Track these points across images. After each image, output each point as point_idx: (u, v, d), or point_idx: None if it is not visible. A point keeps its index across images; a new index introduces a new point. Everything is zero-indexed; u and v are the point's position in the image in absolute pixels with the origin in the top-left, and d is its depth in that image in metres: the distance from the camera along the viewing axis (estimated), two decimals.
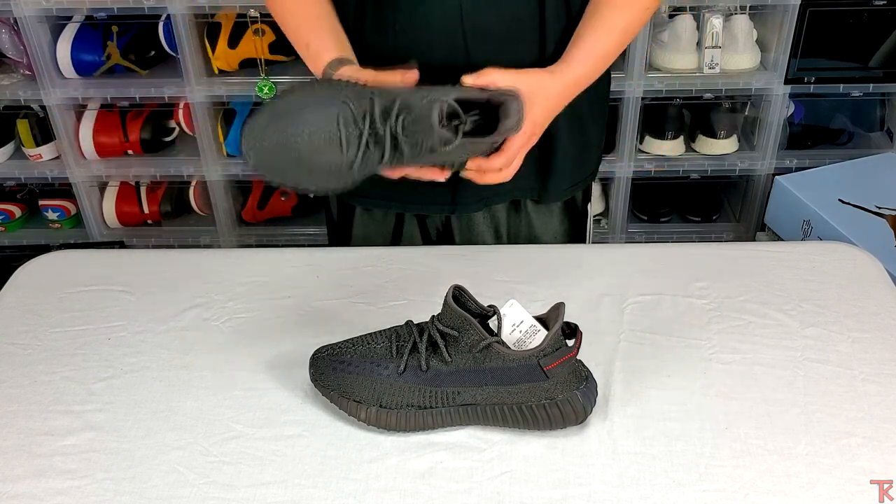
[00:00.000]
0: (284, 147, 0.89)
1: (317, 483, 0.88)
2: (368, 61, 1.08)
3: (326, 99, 0.90)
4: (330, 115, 0.89)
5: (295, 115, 0.89)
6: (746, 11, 2.05)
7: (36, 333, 1.09)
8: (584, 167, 1.25)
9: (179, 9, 1.97)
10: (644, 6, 1.10)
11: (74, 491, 0.88)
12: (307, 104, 0.90)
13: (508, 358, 0.88)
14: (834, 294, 1.13)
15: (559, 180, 1.22)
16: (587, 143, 1.23)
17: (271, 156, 0.90)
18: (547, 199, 1.24)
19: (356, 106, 0.89)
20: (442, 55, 1.08)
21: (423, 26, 1.07)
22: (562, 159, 1.19)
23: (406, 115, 0.89)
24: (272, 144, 0.89)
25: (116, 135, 2.20)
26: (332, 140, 0.89)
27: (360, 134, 0.89)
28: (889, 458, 0.89)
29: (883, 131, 2.29)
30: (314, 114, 0.89)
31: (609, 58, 1.12)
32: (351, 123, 0.89)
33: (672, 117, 2.19)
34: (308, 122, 0.88)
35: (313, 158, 0.89)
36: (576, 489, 0.87)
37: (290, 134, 0.88)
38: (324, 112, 0.89)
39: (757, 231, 2.26)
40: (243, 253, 1.26)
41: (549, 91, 1.04)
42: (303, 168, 0.90)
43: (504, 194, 1.22)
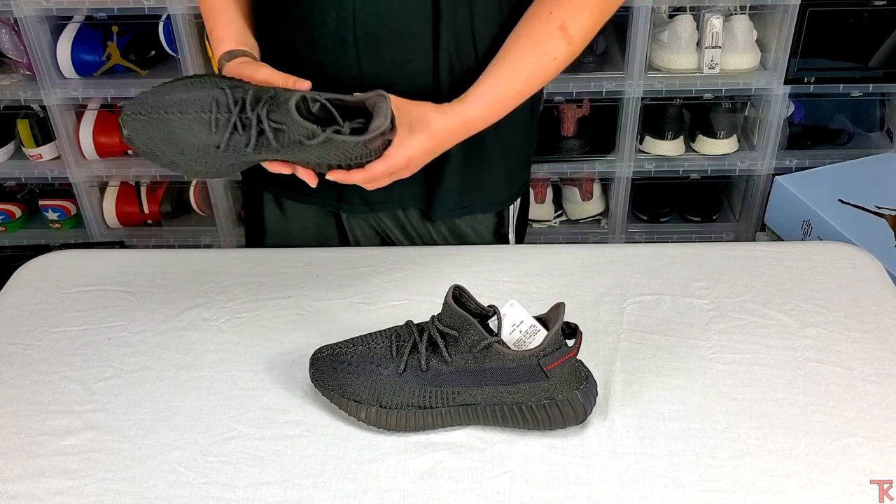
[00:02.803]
0: (157, 123, 0.95)
1: (317, 483, 0.88)
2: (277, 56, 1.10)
3: (205, 85, 0.96)
4: (203, 98, 0.95)
5: (171, 95, 0.95)
6: (746, 11, 2.05)
7: (36, 333, 1.09)
8: (481, 191, 1.20)
9: (179, 9, 1.97)
10: (551, 57, 1.05)
11: (74, 491, 0.88)
12: (186, 87, 0.96)
13: (508, 358, 0.88)
14: (834, 294, 1.13)
15: (446, 197, 1.17)
16: (486, 169, 1.18)
17: (144, 131, 0.95)
18: (434, 214, 1.20)
19: (231, 93, 0.95)
20: (333, 59, 1.07)
21: (318, 26, 1.06)
22: (450, 179, 1.16)
23: (272, 104, 0.94)
24: (146, 120, 0.95)
25: (116, 135, 2.20)
26: (201, 121, 0.94)
27: (230, 118, 0.94)
28: (889, 458, 0.89)
29: (883, 131, 2.29)
30: (189, 95, 0.95)
31: (508, 104, 1.07)
32: (223, 108, 0.94)
33: (672, 117, 2.19)
34: (182, 102, 0.95)
35: (183, 136, 0.95)
36: (576, 489, 0.87)
37: (163, 111, 0.94)
38: (198, 94, 0.95)
39: (757, 231, 2.26)
40: (243, 253, 1.26)
41: (432, 126, 1.01)
42: (173, 145, 0.96)
43: (391, 203, 1.19)
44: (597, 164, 2.20)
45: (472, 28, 1.07)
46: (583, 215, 2.35)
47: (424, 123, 1.01)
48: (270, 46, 1.12)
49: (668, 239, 2.34)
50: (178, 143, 0.96)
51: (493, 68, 1.06)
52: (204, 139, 0.95)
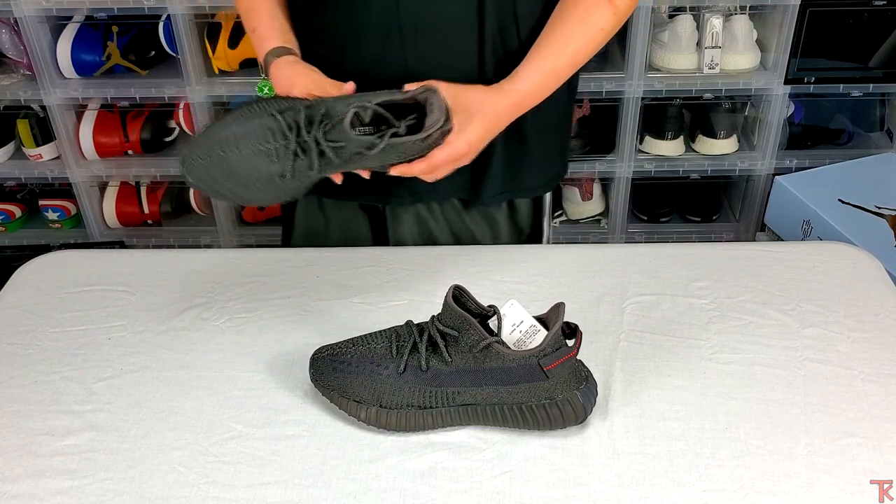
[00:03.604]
0: (217, 162, 0.94)
1: (317, 483, 0.88)
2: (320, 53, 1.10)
3: (255, 114, 0.95)
4: (259, 129, 0.94)
5: (224, 131, 0.94)
6: (746, 11, 2.05)
7: (36, 333, 1.09)
8: (520, 178, 1.21)
9: (179, 9, 1.97)
10: (599, 27, 1.06)
11: (74, 491, 0.88)
12: (238, 121, 0.95)
13: (508, 358, 0.88)
14: (834, 294, 1.13)
15: (493, 183, 1.18)
16: (526, 154, 1.19)
17: (206, 173, 0.95)
18: (480, 201, 1.21)
19: (283, 119, 0.94)
20: (377, 51, 1.07)
21: (361, 19, 1.06)
22: (495, 162, 1.16)
23: (327, 123, 0.93)
24: (206, 161, 0.94)
25: (116, 135, 2.20)
26: (261, 152, 0.93)
27: (287, 145, 0.94)
28: (889, 458, 0.89)
29: (883, 131, 2.29)
30: (243, 128, 0.94)
31: (558, 77, 1.08)
32: (279, 135, 0.93)
33: (672, 117, 2.19)
34: (237, 137, 0.94)
35: (245, 171, 0.94)
36: (576, 489, 0.87)
37: (221, 150, 0.93)
38: (251, 126, 0.94)
39: (757, 231, 2.26)
40: (243, 253, 1.26)
41: (487, 108, 1.02)
42: (238, 181, 0.95)
43: (437, 193, 1.20)
44: (597, 164, 2.20)
45: (514, 9, 1.07)
46: (583, 215, 2.35)
47: (480, 106, 1.01)
48: (312, 44, 1.12)
49: (668, 239, 2.34)
50: (242, 178, 0.95)
51: (542, 42, 1.06)
52: (266, 170, 0.94)
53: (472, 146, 1.01)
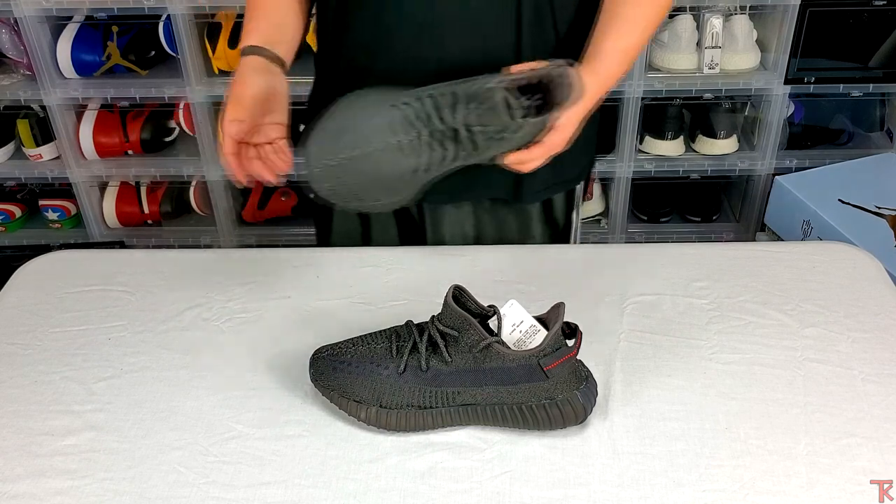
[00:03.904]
0: (351, 166, 0.85)
1: (317, 483, 0.88)
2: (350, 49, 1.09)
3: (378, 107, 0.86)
4: (389, 123, 0.85)
5: (355, 131, 0.85)
6: (746, 11, 2.05)
7: (36, 333, 1.09)
8: (561, 170, 1.20)
9: (179, 9, 1.97)
10: (660, 4, 1.07)
11: (74, 491, 0.88)
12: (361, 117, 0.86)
13: (508, 358, 0.88)
14: (834, 294, 1.13)
15: (533, 180, 1.17)
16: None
17: (340, 181, 0.87)
18: (520, 198, 1.21)
19: (409, 107, 0.86)
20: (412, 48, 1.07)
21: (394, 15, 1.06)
22: None
23: (469, 105, 0.86)
24: (338, 169, 0.85)
25: (116, 135, 2.20)
26: (393, 148, 0.85)
27: (420, 136, 0.86)
28: (889, 458, 0.89)
29: (883, 131, 2.29)
30: (370, 123, 0.85)
31: (631, 56, 1.08)
32: (409, 126, 0.86)
33: (672, 117, 2.19)
34: (366, 137, 0.85)
35: (383, 171, 0.86)
36: (576, 489, 0.87)
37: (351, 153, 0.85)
38: (383, 121, 0.85)
39: (757, 231, 2.26)
40: (243, 253, 1.26)
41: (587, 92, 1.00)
42: (375, 183, 0.87)
43: (475, 193, 1.20)
44: (597, 163, 2.20)
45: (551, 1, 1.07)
46: (583, 215, 2.34)
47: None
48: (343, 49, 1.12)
49: (668, 239, 2.34)
50: (380, 180, 0.87)
51: (612, 22, 1.05)
52: (404, 166, 0.86)
53: (574, 127, 1.00)
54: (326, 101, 1.01)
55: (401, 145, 0.85)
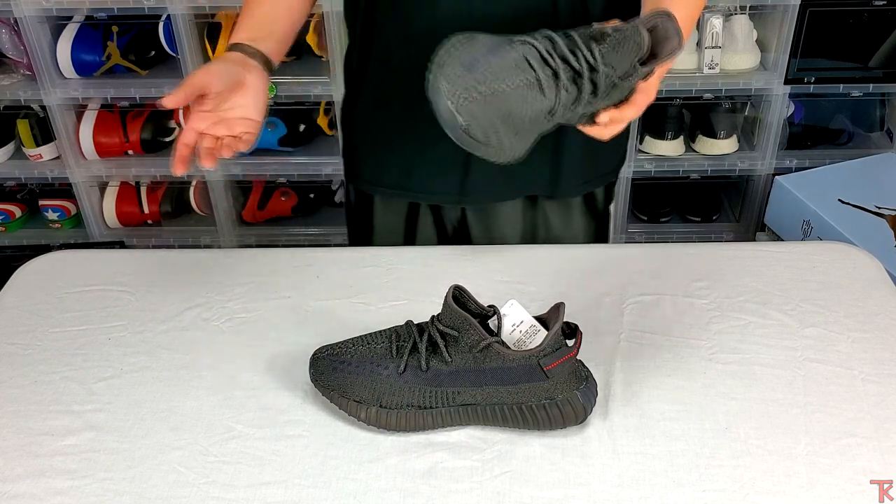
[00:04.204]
0: (491, 101, 0.79)
1: (317, 483, 0.88)
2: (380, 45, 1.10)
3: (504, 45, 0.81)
4: (524, 57, 0.80)
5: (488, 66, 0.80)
6: (746, 11, 2.05)
7: (36, 333, 1.09)
8: (600, 162, 1.24)
9: (179, 9, 1.97)
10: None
11: (74, 491, 0.88)
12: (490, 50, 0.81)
13: (508, 358, 0.88)
14: (834, 294, 1.13)
15: (572, 174, 1.21)
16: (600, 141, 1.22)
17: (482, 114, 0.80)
18: (560, 193, 1.23)
19: (543, 45, 0.81)
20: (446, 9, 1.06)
21: (431, 9, 1.06)
22: (573, 152, 1.18)
23: (603, 42, 0.82)
24: (480, 100, 0.79)
25: (116, 135, 2.21)
26: (531, 85, 0.80)
27: (556, 73, 0.81)
28: (889, 458, 0.89)
29: (883, 131, 2.29)
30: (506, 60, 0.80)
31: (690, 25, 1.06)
32: (539, 63, 0.81)
33: (672, 117, 2.19)
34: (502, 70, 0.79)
35: (519, 110, 0.81)
36: (576, 489, 0.87)
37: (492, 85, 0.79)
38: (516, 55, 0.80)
39: (757, 231, 2.26)
40: (243, 253, 1.26)
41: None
42: (509, 124, 0.81)
43: (516, 189, 1.21)
44: None
45: None
46: None
47: None
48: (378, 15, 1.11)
49: (668, 239, 2.34)
50: (515, 119, 0.81)
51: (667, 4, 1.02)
52: (538, 107, 0.81)
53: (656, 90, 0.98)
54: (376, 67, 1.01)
55: (539, 81, 0.80)
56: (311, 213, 2.41)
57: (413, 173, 1.14)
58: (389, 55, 1.12)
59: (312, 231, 2.37)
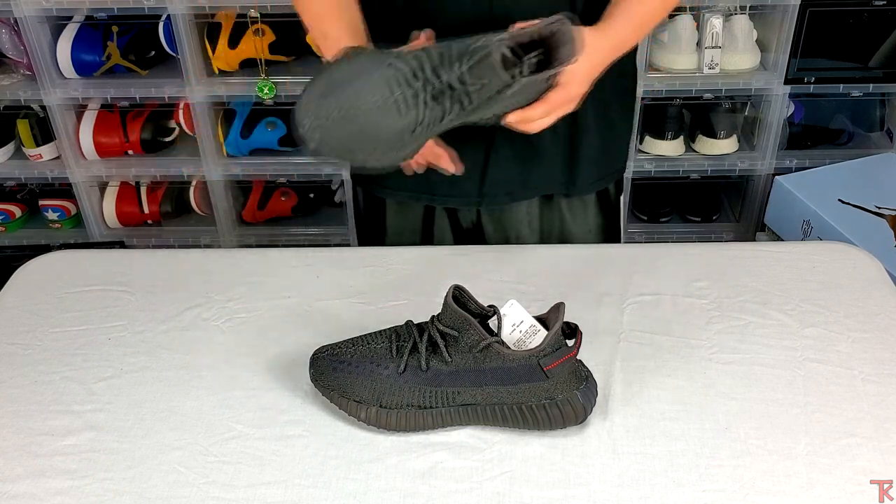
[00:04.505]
0: (341, 123, 0.84)
1: (317, 483, 0.88)
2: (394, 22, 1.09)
3: (374, 64, 0.85)
4: (385, 79, 0.84)
5: (349, 86, 0.84)
6: (746, 11, 2.05)
7: (36, 333, 1.09)
8: (612, 159, 1.25)
9: (179, 9, 1.97)
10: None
11: (74, 491, 0.88)
12: (356, 73, 0.85)
13: (508, 358, 0.88)
14: (834, 294, 1.13)
15: (587, 172, 1.21)
16: (614, 134, 1.23)
17: (331, 136, 0.86)
18: (576, 191, 1.23)
19: (406, 64, 0.85)
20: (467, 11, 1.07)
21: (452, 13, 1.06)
22: (587, 150, 1.19)
23: (465, 62, 0.84)
24: (333, 120, 0.84)
25: (116, 135, 2.20)
26: (387, 106, 0.84)
27: (416, 93, 0.84)
28: (889, 458, 0.89)
29: (883, 131, 2.29)
30: (368, 81, 0.84)
31: (650, 21, 1.09)
32: (404, 83, 0.84)
33: (672, 117, 2.19)
34: (358, 93, 0.84)
35: (373, 130, 0.85)
36: (576, 489, 0.87)
37: (349, 106, 0.84)
38: (377, 77, 0.84)
39: (757, 231, 2.26)
40: (243, 253, 1.26)
41: (593, 48, 1.00)
42: (364, 142, 0.86)
43: (532, 189, 1.22)
44: None
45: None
46: None
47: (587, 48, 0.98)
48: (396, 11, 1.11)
49: (668, 239, 2.34)
50: (370, 138, 0.85)
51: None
52: (396, 125, 0.85)
53: (581, 87, 1.00)
54: None
55: (396, 102, 0.84)
56: (311, 213, 2.40)
57: (431, 177, 1.13)
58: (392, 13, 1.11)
59: (312, 231, 2.37)
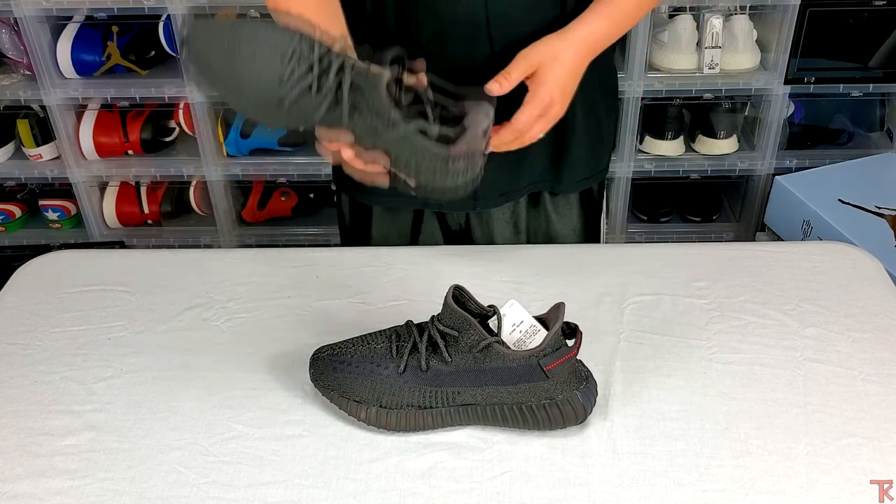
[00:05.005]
0: (224, 54, 0.85)
1: (317, 483, 0.88)
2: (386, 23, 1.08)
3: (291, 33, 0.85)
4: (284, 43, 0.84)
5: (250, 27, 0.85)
6: (746, 11, 2.05)
7: (36, 333, 1.09)
8: (598, 158, 1.25)
9: (179, 9, 1.97)
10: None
11: (74, 491, 0.88)
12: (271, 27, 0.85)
13: (508, 358, 0.88)
14: (834, 294, 1.13)
15: (574, 170, 1.21)
16: (600, 133, 1.23)
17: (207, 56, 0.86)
18: (562, 189, 1.23)
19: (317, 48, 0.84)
20: (465, 44, 1.07)
21: (446, 14, 1.06)
22: (576, 148, 1.19)
23: (357, 71, 0.85)
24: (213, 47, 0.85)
25: (116, 135, 2.20)
26: (273, 67, 0.84)
27: (306, 77, 0.84)
28: (889, 458, 0.89)
29: (883, 131, 2.29)
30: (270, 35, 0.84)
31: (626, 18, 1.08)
32: (303, 61, 0.84)
33: (672, 117, 2.19)
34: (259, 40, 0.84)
35: (247, 79, 0.85)
36: (576, 489, 0.87)
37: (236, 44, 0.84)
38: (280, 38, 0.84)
39: (757, 231, 2.26)
40: (243, 253, 1.26)
41: (559, 54, 1.00)
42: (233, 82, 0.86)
43: (523, 188, 1.22)
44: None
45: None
46: None
47: (551, 55, 1.01)
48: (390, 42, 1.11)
49: (668, 239, 2.34)
50: (240, 83, 0.85)
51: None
52: (268, 88, 0.84)
53: (555, 95, 1.00)
54: None
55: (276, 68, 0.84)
56: (311, 213, 2.40)
57: None
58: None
59: (312, 231, 2.37)
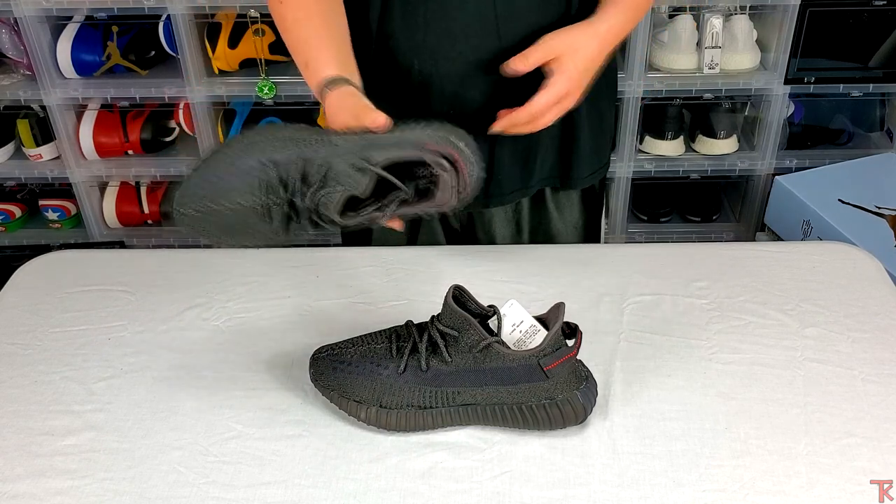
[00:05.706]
0: (210, 217, 0.91)
1: (317, 483, 0.88)
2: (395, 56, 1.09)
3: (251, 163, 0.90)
4: (251, 182, 0.90)
5: (220, 184, 0.91)
6: (746, 11, 2.05)
7: (36, 333, 1.09)
8: (601, 154, 1.26)
9: (179, 9, 1.97)
10: None
11: (74, 491, 0.88)
12: (233, 168, 0.90)
13: (508, 358, 0.88)
14: (834, 294, 1.13)
15: (580, 167, 1.22)
16: (602, 127, 1.24)
17: (201, 226, 0.93)
18: (570, 184, 1.24)
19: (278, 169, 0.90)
20: (475, 42, 1.08)
21: (455, 15, 1.07)
22: (583, 142, 1.20)
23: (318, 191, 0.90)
24: (199, 216, 0.91)
25: (116, 135, 2.20)
26: (254, 211, 0.90)
27: (281, 204, 0.91)
28: (889, 458, 0.89)
29: (883, 131, 2.29)
30: (237, 180, 0.90)
31: (638, 13, 1.10)
32: (273, 191, 0.90)
33: (672, 117, 2.19)
34: (230, 191, 0.90)
35: (242, 226, 0.92)
36: (576, 489, 0.87)
37: (216, 205, 0.90)
38: (246, 179, 0.90)
39: (757, 231, 2.26)
40: (243, 253, 1.26)
41: (578, 44, 1.02)
42: (236, 233, 0.93)
43: (534, 185, 1.22)
44: None
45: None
46: None
47: (573, 45, 1.02)
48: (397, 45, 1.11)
49: (668, 239, 2.34)
50: (239, 231, 0.92)
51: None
52: (262, 227, 0.92)
53: (572, 85, 1.02)
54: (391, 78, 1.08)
55: (256, 209, 0.90)
56: None
57: None
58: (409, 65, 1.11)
59: (312, 231, 2.37)
